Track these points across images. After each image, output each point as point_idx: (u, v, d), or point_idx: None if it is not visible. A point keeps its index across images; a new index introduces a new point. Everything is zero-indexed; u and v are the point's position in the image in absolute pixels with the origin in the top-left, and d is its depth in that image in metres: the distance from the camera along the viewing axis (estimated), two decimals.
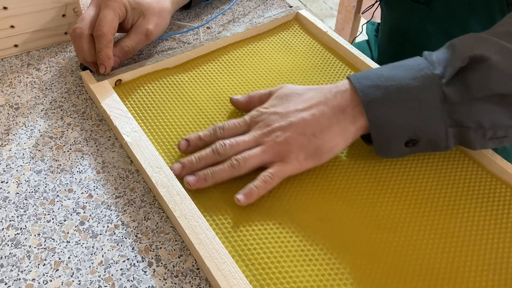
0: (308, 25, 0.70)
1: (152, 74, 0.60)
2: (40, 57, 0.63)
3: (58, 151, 0.52)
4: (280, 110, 0.49)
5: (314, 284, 0.41)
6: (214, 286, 0.41)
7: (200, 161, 0.48)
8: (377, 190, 0.49)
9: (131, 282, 0.42)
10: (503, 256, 0.44)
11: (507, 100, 0.45)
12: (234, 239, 0.44)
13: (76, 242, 0.44)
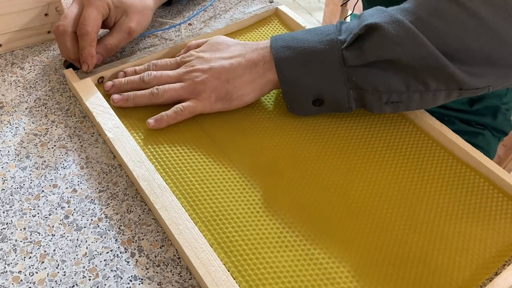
0: (287, 20, 0.71)
1: None
2: (24, 56, 0.65)
3: (43, 148, 0.53)
4: (206, 56, 0.56)
5: (290, 269, 0.43)
6: (194, 274, 0.43)
7: (127, 83, 0.57)
8: (350, 176, 0.51)
9: (114, 272, 0.44)
10: (469, 240, 0.46)
11: (398, 67, 0.49)
12: (214, 227, 0.46)
13: (61, 235, 0.46)
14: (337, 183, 0.50)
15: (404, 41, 0.47)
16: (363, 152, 0.53)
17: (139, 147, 0.51)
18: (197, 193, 0.49)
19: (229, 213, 0.47)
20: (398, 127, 0.57)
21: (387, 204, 0.49)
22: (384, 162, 0.53)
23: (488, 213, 0.49)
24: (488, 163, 0.52)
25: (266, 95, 0.59)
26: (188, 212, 0.47)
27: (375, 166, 0.52)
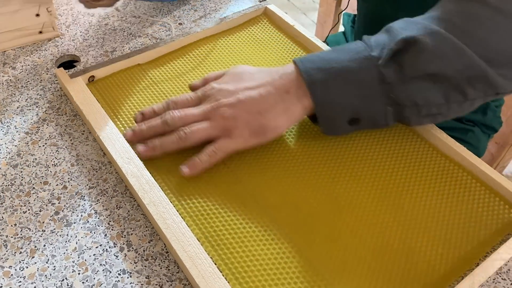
0: (276, 19, 0.72)
1: (124, 70, 0.63)
2: (15, 56, 0.65)
3: (34, 146, 0.54)
4: (230, 87, 0.51)
5: (276, 262, 0.44)
6: (181, 267, 0.44)
7: (150, 130, 0.51)
8: (335, 172, 0.52)
9: (103, 266, 0.44)
10: (452, 232, 0.47)
11: (437, 79, 0.48)
12: (201, 222, 0.47)
13: (51, 231, 0.47)
14: (323, 179, 0.51)
15: (444, 53, 0.47)
16: (348, 148, 0.54)
17: (128, 144, 0.52)
18: (186, 188, 0.50)
19: (217, 208, 0.48)
20: None
21: (371, 198, 0.50)
22: (369, 157, 0.54)
23: (471, 206, 0.50)
24: (471, 158, 0.53)
25: None
26: (176, 207, 0.47)
27: (359, 161, 0.53)
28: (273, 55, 0.66)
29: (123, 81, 0.61)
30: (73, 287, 0.43)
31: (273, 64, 0.65)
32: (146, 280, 0.44)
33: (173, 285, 0.43)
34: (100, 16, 0.73)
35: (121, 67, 0.63)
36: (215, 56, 0.66)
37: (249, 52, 0.67)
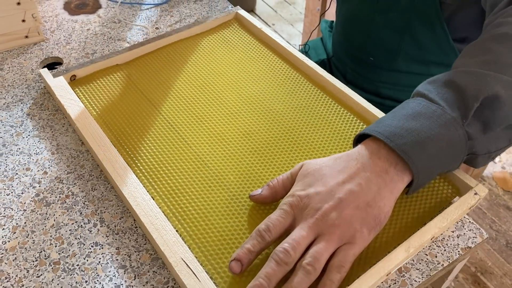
0: (246, 23, 0.78)
1: (103, 70, 0.68)
2: (3, 58, 0.71)
3: (18, 137, 0.59)
4: (321, 189, 0.45)
5: (235, 233, 0.49)
6: (149, 238, 0.49)
7: (271, 280, 0.41)
8: (291, 154, 0.57)
9: (78, 240, 0.49)
10: (396, 207, 0.52)
11: (509, 127, 0.50)
12: (170, 200, 0.52)
13: (32, 210, 0.52)
14: (282, 156, 0.56)
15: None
16: (308, 136, 0.60)
17: (104, 134, 0.57)
18: (156, 172, 0.55)
19: (184, 188, 0.53)
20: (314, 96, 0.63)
21: None
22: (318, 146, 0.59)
23: None
24: None
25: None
26: (146, 188, 0.52)
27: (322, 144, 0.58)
28: (243, 55, 0.72)
29: (102, 80, 0.66)
30: (50, 257, 0.48)
31: (244, 64, 0.70)
32: (116, 251, 0.48)
33: (140, 255, 0.48)
34: (83, 22, 0.79)
35: (101, 67, 0.68)
36: (188, 57, 0.71)
37: (221, 53, 0.72)
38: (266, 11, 2.38)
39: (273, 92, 0.66)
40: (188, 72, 0.68)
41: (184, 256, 0.45)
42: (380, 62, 0.88)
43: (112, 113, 0.61)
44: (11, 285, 0.45)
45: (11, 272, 0.46)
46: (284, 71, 0.69)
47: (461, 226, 0.52)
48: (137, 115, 0.61)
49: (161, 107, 0.62)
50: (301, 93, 0.65)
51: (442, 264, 0.48)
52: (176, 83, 0.66)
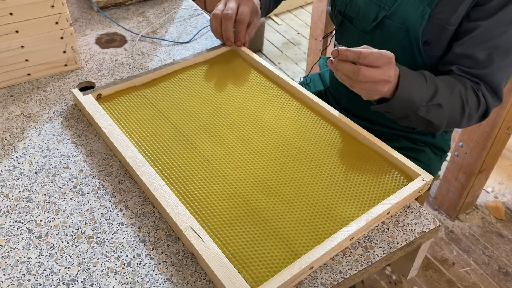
0: (242, 54, 0.91)
1: (124, 90, 0.81)
2: (46, 82, 0.85)
3: (59, 143, 0.73)
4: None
5: (231, 209, 0.61)
6: (163, 214, 0.61)
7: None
8: (280, 154, 0.69)
9: (107, 221, 0.61)
10: (358, 189, 0.64)
11: None
12: (178, 185, 0.65)
13: (71, 198, 0.64)
14: (273, 158, 0.69)
15: None
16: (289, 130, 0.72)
17: (126, 137, 0.70)
18: (168, 165, 0.67)
19: (190, 177, 0.66)
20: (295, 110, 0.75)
21: (303, 165, 0.68)
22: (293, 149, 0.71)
23: (372, 169, 0.68)
24: (376, 141, 0.72)
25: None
26: (161, 177, 0.65)
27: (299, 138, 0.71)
28: (237, 78, 0.86)
29: (123, 97, 0.80)
30: (86, 232, 0.60)
31: (241, 86, 0.84)
32: (138, 229, 0.60)
33: (157, 233, 0.60)
34: (112, 54, 0.94)
35: (122, 88, 0.81)
36: (193, 79, 0.85)
37: (220, 76, 0.86)
38: (273, 51, 2.56)
39: (258, 103, 0.79)
40: (192, 89, 0.83)
41: (192, 224, 0.57)
42: None
43: (131, 122, 0.75)
44: (55, 252, 0.57)
45: (55, 243, 0.59)
46: (270, 90, 0.83)
47: (419, 215, 0.63)
48: (151, 123, 0.75)
49: (170, 116, 0.76)
50: (289, 109, 0.78)
51: (400, 244, 0.59)
52: (182, 98, 0.80)
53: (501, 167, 1.94)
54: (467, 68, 0.81)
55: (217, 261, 0.54)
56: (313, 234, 0.59)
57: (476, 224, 1.72)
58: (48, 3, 0.80)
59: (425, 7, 0.82)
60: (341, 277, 0.56)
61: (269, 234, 0.59)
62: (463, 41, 0.81)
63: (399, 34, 0.87)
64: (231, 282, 0.52)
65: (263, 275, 0.54)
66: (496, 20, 0.78)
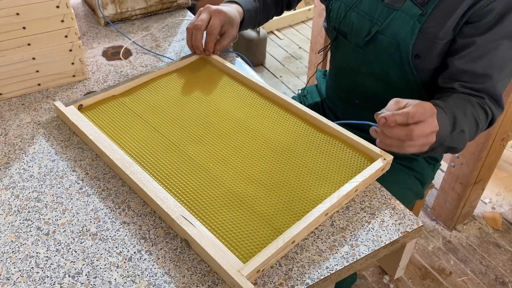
0: (213, 61, 0.96)
1: (104, 99, 0.86)
2: (55, 91, 0.91)
3: (67, 148, 0.77)
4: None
5: (214, 199, 0.66)
6: (155, 207, 0.66)
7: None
8: (257, 146, 0.74)
9: (110, 219, 0.66)
10: (328, 170, 0.70)
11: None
12: (164, 179, 0.70)
13: (77, 199, 0.69)
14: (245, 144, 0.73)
15: None
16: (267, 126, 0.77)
17: (112, 142, 0.75)
18: (154, 164, 0.72)
19: (176, 173, 0.71)
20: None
21: (277, 155, 0.75)
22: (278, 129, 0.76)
23: (339, 155, 0.74)
24: (341, 129, 0.78)
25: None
26: (149, 175, 0.70)
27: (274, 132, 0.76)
28: (208, 84, 0.91)
29: (103, 106, 0.84)
30: (90, 230, 0.64)
31: (214, 89, 0.89)
32: (139, 228, 0.65)
33: (157, 231, 0.64)
34: (117, 65, 0.99)
35: (101, 98, 0.85)
36: (167, 86, 0.90)
37: (193, 82, 0.91)
38: (275, 65, 2.61)
39: (232, 104, 0.84)
40: (166, 95, 0.88)
41: (182, 213, 0.63)
42: (364, 104, 1.05)
43: (114, 127, 0.79)
44: (61, 248, 0.62)
45: (62, 239, 0.63)
46: (242, 91, 0.89)
47: (403, 216, 0.67)
48: (133, 127, 0.80)
49: (150, 120, 0.81)
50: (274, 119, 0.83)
51: (384, 242, 0.63)
52: (160, 103, 0.86)
53: (499, 178, 1.97)
54: (468, 83, 0.86)
55: (209, 243, 0.59)
56: (292, 213, 0.65)
57: (474, 234, 1.75)
58: (58, 18, 0.85)
59: (415, 22, 0.86)
60: (328, 272, 0.59)
61: (253, 216, 0.65)
62: (460, 56, 0.86)
63: (390, 48, 0.92)
64: (224, 259, 0.57)
65: (251, 251, 0.59)
66: (489, 36, 0.83)
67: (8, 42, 0.83)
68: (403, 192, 1.08)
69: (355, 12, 0.95)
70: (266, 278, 0.59)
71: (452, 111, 0.79)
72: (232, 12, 0.96)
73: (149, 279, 0.59)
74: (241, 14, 1.01)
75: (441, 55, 0.89)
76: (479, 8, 0.81)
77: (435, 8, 0.84)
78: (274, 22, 2.88)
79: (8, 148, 0.77)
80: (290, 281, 0.59)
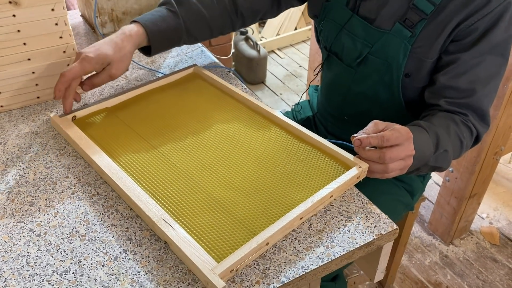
0: (203, 76, 1.01)
1: (97, 111, 0.90)
2: (53, 104, 0.95)
3: (61, 156, 0.81)
4: None
5: (192, 203, 0.69)
6: (138, 211, 0.69)
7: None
8: (237, 153, 0.77)
9: (99, 222, 0.69)
10: (304, 177, 0.72)
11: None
12: (148, 185, 0.74)
13: (68, 203, 0.72)
14: (223, 152, 0.77)
15: None
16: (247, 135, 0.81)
17: (101, 150, 0.79)
18: (140, 171, 0.76)
19: (159, 179, 0.75)
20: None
21: (258, 163, 0.78)
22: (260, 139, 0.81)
23: (316, 163, 0.78)
24: (317, 137, 0.82)
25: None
26: (134, 181, 0.73)
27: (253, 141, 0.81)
28: (199, 97, 0.95)
29: (96, 117, 0.89)
30: (79, 231, 0.68)
31: (201, 103, 0.93)
32: (125, 230, 0.68)
33: (142, 232, 0.68)
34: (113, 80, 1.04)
35: (94, 109, 0.90)
36: (158, 100, 0.94)
37: (184, 96, 0.95)
38: (275, 83, 2.67)
39: (216, 115, 0.89)
40: (157, 107, 0.92)
41: (163, 216, 0.66)
42: (353, 120, 1.08)
43: (104, 137, 0.83)
44: (51, 248, 0.65)
45: (52, 240, 0.66)
46: (227, 102, 0.93)
47: (378, 220, 0.70)
48: (122, 137, 0.84)
49: (139, 130, 0.85)
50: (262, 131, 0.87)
51: (359, 244, 0.66)
52: (150, 115, 0.90)
53: (496, 194, 1.98)
54: (453, 99, 0.89)
55: (186, 244, 0.62)
56: (269, 217, 0.68)
57: (471, 249, 1.76)
58: (57, 34, 0.90)
59: (405, 44, 0.89)
60: (303, 271, 0.62)
61: (231, 220, 0.68)
62: (445, 72, 0.89)
63: (381, 68, 0.95)
64: (199, 259, 0.60)
65: (226, 252, 0.62)
66: (472, 52, 0.86)
67: (10, 57, 0.88)
68: (393, 203, 1.10)
69: (346, 33, 0.98)
70: (244, 277, 0.62)
71: (435, 132, 0.82)
72: (106, 49, 0.86)
73: (132, 277, 0.62)
74: (141, 38, 0.91)
75: (429, 74, 0.93)
76: (464, 27, 0.85)
77: (423, 29, 0.88)
78: (275, 41, 2.95)
79: (6, 156, 0.81)
80: (267, 279, 0.61)
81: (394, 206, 1.10)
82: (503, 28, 0.85)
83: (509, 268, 1.68)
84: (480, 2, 0.83)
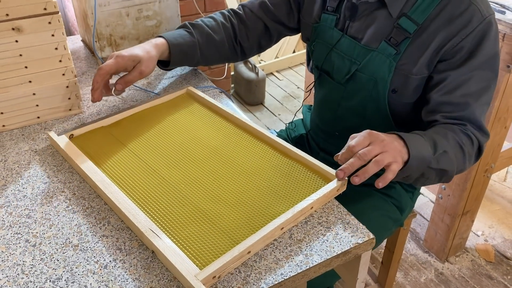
0: (195, 96, 1.06)
1: (93, 130, 0.95)
2: (52, 124, 1.00)
3: (58, 172, 0.86)
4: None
5: (178, 215, 0.73)
6: (128, 223, 0.73)
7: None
8: (228, 168, 0.81)
9: (92, 233, 0.73)
10: (286, 190, 0.76)
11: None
12: (138, 197, 0.78)
13: (63, 215, 0.76)
14: (210, 167, 0.81)
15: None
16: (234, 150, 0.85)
17: (95, 166, 0.83)
18: (131, 185, 0.80)
19: (149, 193, 0.79)
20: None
21: (243, 177, 0.82)
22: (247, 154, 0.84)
23: (298, 176, 0.82)
24: (301, 153, 0.86)
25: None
26: (125, 194, 0.77)
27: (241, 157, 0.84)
28: (193, 118, 0.99)
29: (92, 136, 0.93)
30: (73, 242, 0.72)
31: (193, 123, 0.98)
32: (116, 240, 0.72)
33: (132, 243, 0.71)
34: (110, 101, 1.09)
35: (91, 128, 0.95)
36: (152, 120, 0.99)
37: (176, 116, 1.00)
38: (274, 104, 2.72)
39: (205, 132, 0.93)
40: (150, 126, 0.97)
41: (151, 227, 0.70)
42: (343, 135, 1.13)
43: (99, 154, 0.88)
44: (46, 257, 0.69)
45: (46, 250, 0.70)
46: (215, 121, 0.98)
47: (356, 230, 0.73)
48: (116, 154, 0.88)
49: (130, 146, 0.90)
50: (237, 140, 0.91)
51: (336, 252, 0.69)
52: (143, 133, 0.94)
53: (491, 211, 2.00)
54: (449, 113, 0.92)
55: (171, 252, 0.66)
56: (251, 227, 0.72)
57: (466, 266, 1.77)
58: (57, 58, 0.96)
59: (391, 61, 0.95)
60: (282, 278, 0.66)
61: (215, 230, 0.72)
62: (438, 90, 0.93)
63: (369, 84, 1.00)
64: (183, 266, 0.64)
65: (209, 260, 0.66)
66: (462, 70, 0.91)
67: (12, 79, 0.94)
68: (382, 219, 1.13)
69: (335, 53, 1.04)
70: (226, 283, 0.65)
71: (430, 136, 0.85)
72: (136, 51, 0.98)
73: (121, 284, 0.65)
74: (164, 47, 1.04)
75: (416, 90, 0.97)
76: (450, 47, 0.90)
77: (407, 47, 0.93)
78: (273, 64, 3.02)
79: (6, 172, 0.86)
80: (247, 286, 0.65)
81: (384, 222, 1.13)
82: (490, 46, 0.90)
83: (504, 285, 1.69)
84: (460, 23, 0.88)
